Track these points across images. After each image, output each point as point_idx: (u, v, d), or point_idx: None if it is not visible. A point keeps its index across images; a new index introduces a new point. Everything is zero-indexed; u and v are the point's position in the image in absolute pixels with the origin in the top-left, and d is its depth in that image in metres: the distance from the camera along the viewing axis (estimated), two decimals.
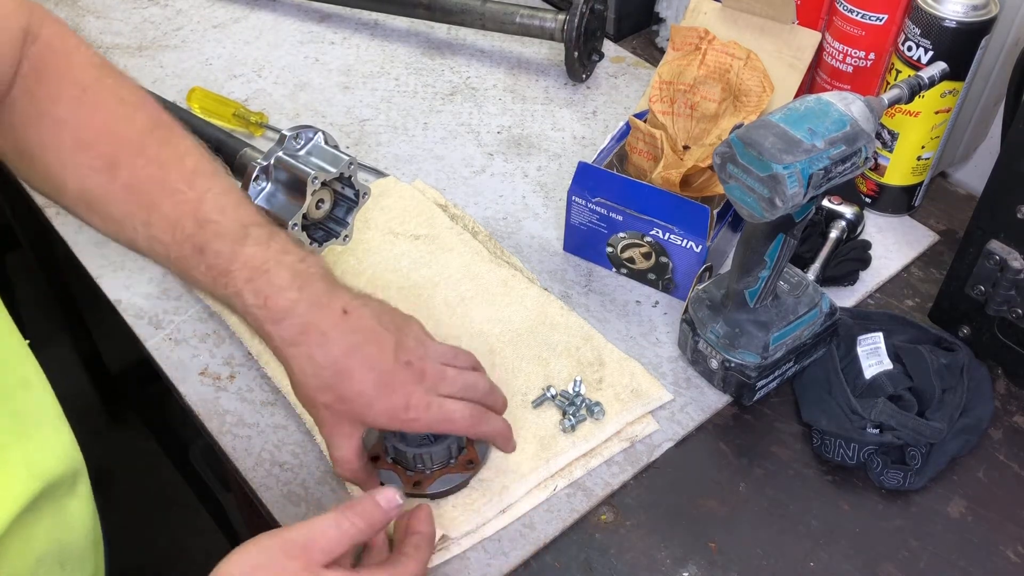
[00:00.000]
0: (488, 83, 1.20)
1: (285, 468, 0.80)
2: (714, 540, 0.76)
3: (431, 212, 1.00)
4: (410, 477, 0.76)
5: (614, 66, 1.24)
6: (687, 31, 0.99)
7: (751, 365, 0.81)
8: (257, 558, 0.58)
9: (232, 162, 0.90)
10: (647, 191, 0.88)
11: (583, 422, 0.81)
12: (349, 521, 0.60)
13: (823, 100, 0.73)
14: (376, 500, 0.63)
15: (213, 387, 0.86)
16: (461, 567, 0.74)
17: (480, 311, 0.90)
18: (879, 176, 1.01)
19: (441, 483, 0.76)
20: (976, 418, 0.81)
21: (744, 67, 0.96)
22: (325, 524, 0.60)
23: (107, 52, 1.23)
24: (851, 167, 0.72)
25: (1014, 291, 0.81)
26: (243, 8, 1.32)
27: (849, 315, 0.89)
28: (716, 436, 0.84)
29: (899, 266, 0.98)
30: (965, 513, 0.78)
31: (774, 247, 0.77)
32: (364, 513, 0.61)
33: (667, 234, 0.89)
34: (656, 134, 0.92)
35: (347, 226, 0.89)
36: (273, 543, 0.58)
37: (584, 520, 0.77)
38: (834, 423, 0.80)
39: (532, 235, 1.00)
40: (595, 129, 1.14)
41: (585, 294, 0.95)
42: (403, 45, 1.27)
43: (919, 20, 0.89)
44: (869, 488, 0.80)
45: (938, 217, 1.04)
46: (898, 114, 0.95)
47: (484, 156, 1.10)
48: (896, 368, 0.84)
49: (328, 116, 1.14)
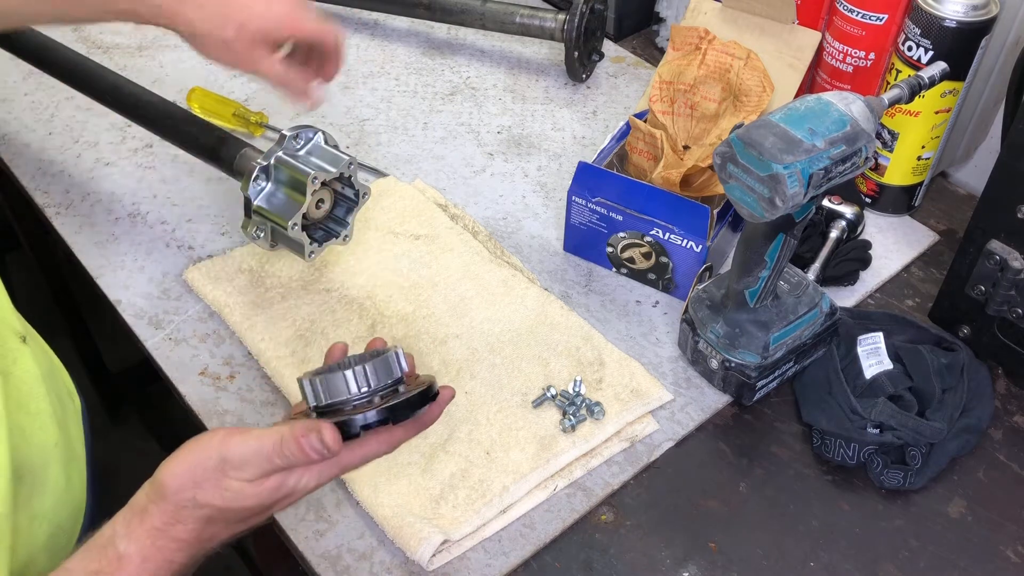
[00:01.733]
0: (488, 83, 1.20)
1: None
2: (714, 540, 0.76)
3: (431, 212, 1.00)
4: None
5: (614, 66, 1.24)
6: (687, 31, 0.99)
7: (751, 365, 0.81)
8: (180, 467, 0.58)
9: (232, 162, 0.90)
10: (647, 191, 0.88)
11: (583, 422, 0.81)
12: (271, 446, 0.58)
13: (823, 100, 0.73)
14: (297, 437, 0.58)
15: (213, 387, 0.86)
16: (461, 567, 0.74)
17: (480, 311, 0.90)
18: (879, 176, 1.01)
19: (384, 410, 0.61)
20: (976, 418, 0.81)
21: (744, 67, 0.96)
22: (241, 449, 0.58)
23: (107, 52, 1.23)
24: (851, 167, 0.72)
25: (1014, 291, 0.81)
26: None
27: (849, 315, 0.89)
28: (716, 436, 0.84)
29: (899, 266, 0.98)
30: (965, 513, 0.78)
31: (774, 247, 0.77)
32: (285, 442, 0.58)
33: (667, 234, 0.89)
34: (656, 134, 0.92)
35: (347, 226, 0.89)
36: (192, 459, 0.58)
37: (584, 520, 0.77)
38: (834, 423, 0.80)
39: (532, 235, 1.00)
40: (595, 129, 1.14)
41: (585, 294, 0.95)
42: (403, 45, 1.26)
43: (919, 20, 0.89)
44: (869, 488, 0.80)
45: (938, 217, 1.04)
46: (898, 114, 0.95)
47: (484, 156, 1.10)
48: (896, 368, 0.84)
49: (328, 116, 1.14)
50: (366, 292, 0.92)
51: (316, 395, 0.61)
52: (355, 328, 0.88)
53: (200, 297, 0.92)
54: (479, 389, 0.84)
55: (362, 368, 0.61)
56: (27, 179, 1.05)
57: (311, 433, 0.57)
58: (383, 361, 0.61)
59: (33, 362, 0.71)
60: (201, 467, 0.57)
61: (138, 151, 1.09)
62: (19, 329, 0.72)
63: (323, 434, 0.57)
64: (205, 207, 1.02)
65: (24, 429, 0.67)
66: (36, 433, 0.69)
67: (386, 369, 0.62)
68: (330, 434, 0.57)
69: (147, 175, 1.06)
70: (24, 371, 0.69)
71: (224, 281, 0.92)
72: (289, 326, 0.88)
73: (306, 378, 0.61)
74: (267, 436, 0.58)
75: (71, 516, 0.74)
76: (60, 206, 1.02)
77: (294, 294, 0.91)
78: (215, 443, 0.58)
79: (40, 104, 1.15)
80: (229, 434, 0.58)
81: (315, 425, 0.58)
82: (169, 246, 0.98)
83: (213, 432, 0.59)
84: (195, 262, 0.96)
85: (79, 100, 1.10)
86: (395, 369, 0.62)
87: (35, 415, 0.69)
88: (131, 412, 1.95)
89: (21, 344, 0.71)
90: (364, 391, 0.61)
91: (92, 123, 1.12)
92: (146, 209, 1.02)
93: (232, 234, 0.99)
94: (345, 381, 0.60)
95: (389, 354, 0.62)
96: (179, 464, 0.58)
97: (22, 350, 0.70)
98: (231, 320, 0.89)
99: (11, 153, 1.08)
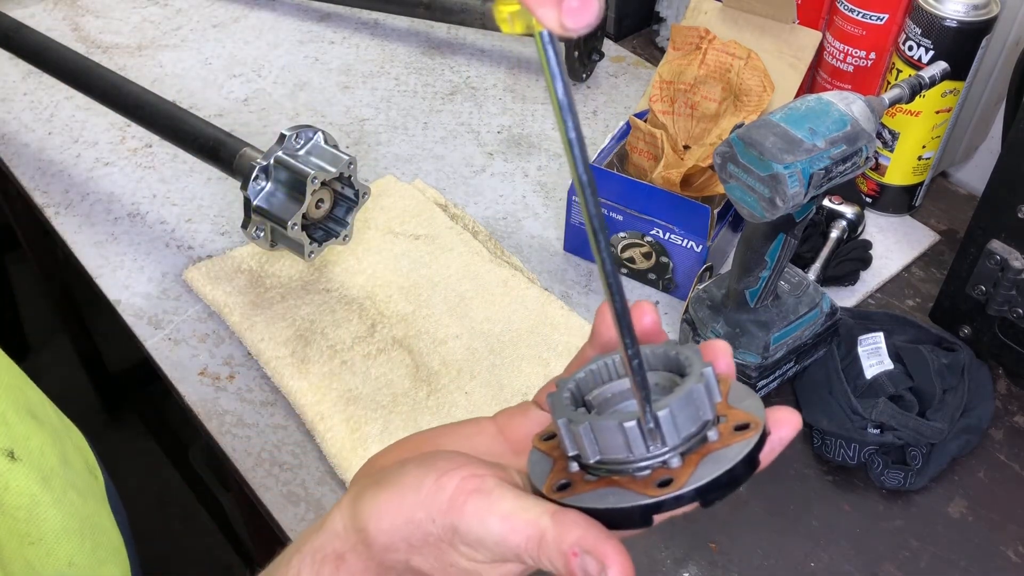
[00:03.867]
0: (488, 83, 1.20)
1: (285, 468, 0.80)
2: (714, 540, 0.76)
3: (431, 212, 1.00)
4: (640, 480, 0.39)
5: (614, 66, 1.23)
6: (687, 31, 0.99)
7: (752, 365, 0.81)
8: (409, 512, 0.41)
9: (232, 162, 0.90)
10: (647, 191, 0.88)
11: None
12: (533, 559, 0.39)
13: (824, 100, 0.73)
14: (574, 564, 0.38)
15: (212, 387, 0.86)
16: None
17: (480, 311, 0.90)
18: (880, 176, 1.01)
19: (703, 470, 0.39)
20: (977, 418, 0.81)
21: (744, 67, 0.96)
22: (502, 545, 0.39)
23: (107, 52, 1.23)
24: (852, 167, 0.72)
25: (1015, 291, 0.81)
26: (243, 8, 1.31)
27: (850, 315, 0.89)
28: None
29: (900, 266, 0.98)
30: (966, 513, 0.78)
31: (775, 247, 0.77)
32: (550, 565, 0.40)
33: (667, 234, 0.89)
34: (656, 134, 0.92)
35: (347, 226, 0.88)
36: (439, 521, 0.41)
37: None
38: (835, 423, 0.80)
39: (532, 235, 1.00)
40: (595, 129, 1.14)
41: (585, 294, 0.94)
42: (403, 45, 1.26)
43: (920, 20, 0.89)
44: (869, 488, 0.80)
45: (939, 217, 1.04)
46: (899, 114, 0.95)
47: (484, 156, 1.10)
48: (897, 368, 0.83)
49: (328, 116, 1.14)
50: (366, 292, 0.92)
51: (581, 445, 0.39)
52: (355, 328, 0.88)
53: (200, 297, 0.92)
54: (479, 389, 0.84)
55: (668, 415, 0.37)
56: (27, 179, 1.05)
57: (587, 556, 0.37)
58: (688, 399, 0.38)
59: (30, 473, 0.61)
60: (421, 531, 0.41)
61: (138, 151, 1.09)
62: (6, 445, 0.61)
63: (608, 566, 0.37)
64: (205, 207, 1.02)
65: (31, 563, 0.59)
66: (45, 562, 0.61)
67: (692, 412, 0.38)
68: (619, 568, 0.37)
69: (147, 175, 1.06)
70: (19, 493, 0.60)
71: (224, 281, 0.92)
72: (289, 326, 0.88)
73: (574, 421, 0.38)
74: (517, 516, 0.39)
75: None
76: (60, 206, 1.02)
77: (294, 294, 0.91)
78: (441, 496, 0.40)
79: (40, 104, 1.15)
80: (454, 478, 0.40)
81: (594, 542, 0.37)
82: (169, 246, 0.98)
83: (428, 465, 0.41)
84: (195, 262, 0.96)
85: (79, 100, 1.10)
86: (705, 408, 0.38)
87: (39, 542, 0.60)
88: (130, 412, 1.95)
89: (10, 463, 0.61)
90: (659, 452, 0.38)
91: (92, 123, 1.12)
92: (146, 209, 1.02)
93: (232, 234, 0.99)
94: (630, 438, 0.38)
95: (696, 387, 0.38)
96: (391, 516, 0.41)
97: (12, 471, 0.61)
98: (231, 320, 0.89)
99: (11, 153, 1.08)
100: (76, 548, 0.63)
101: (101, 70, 1.02)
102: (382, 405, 0.82)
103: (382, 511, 0.41)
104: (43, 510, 0.61)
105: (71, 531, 0.62)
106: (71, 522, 0.63)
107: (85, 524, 0.65)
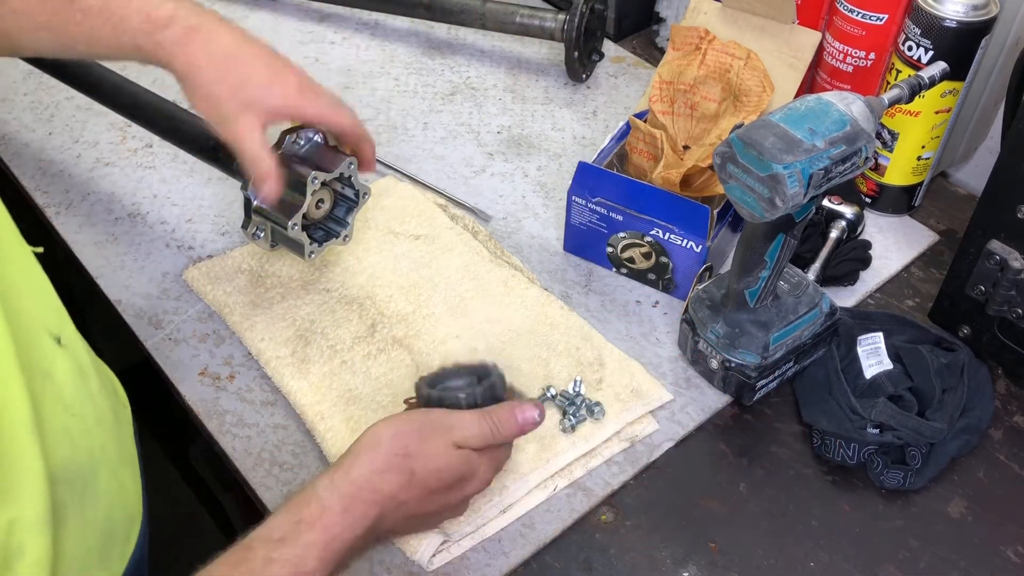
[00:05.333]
0: (488, 83, 1.20)
1: (285, 468, 0.80)
2: (714, 540, 0.76)
3: (431, 212, 1.00)
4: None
5: (614, 66, 1.24)
6: (687, 31, 0.99)
7: (751, 365, 0.81)
8: (406, 425, 0.65)
9: (232, 162, 0.90)
10: (647, 191, 0.88)
11: (583, 422, 0.81)
12: (488, 423, 0.66)
13: (823, 100, 0.73)
14: (515, 412, 0.67)
15: (213, 387, 0.86)
16: (461, 567, 0.73)
17: (480, 311, 0.90)
18: (879, 176, 1.01)
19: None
20: (976, 418, 0.81)
21: (744, 67, 0.96)
22: (467, 418, 0.66)
23: None
24: (851, 167, 0.72)
25: (1014, 291, 0.81)
26: (243, 8, 1.31)
27: (849, 315, 0.89)
28: (716, 436, 0.84)
29: (899, 266, 0.98)
30: (965, 513, 0.78)
31: (774, 247, 0.77)
32: (501, 421, 0.66)
33: (667, 234, 0.89)
34: (656, 134, 0.92)
35: (347, 226, 0.89)
36: (421, 418, 0.66)
37: (584, 520, 0.77)
38: (834, 423, 0.80)
39: (532, 235, 1.00)
40: (595, 129, 1.14)
41: (585, 294, 0.95)
42: (403, 45, 1.26)
43: (919, 20, 0.89)
44: (869, 488, 0.80)
45: (938, 217, 1.04)
46: (898, 114, 0.95)
47: (484, 156, 1.10)
48: (896, 368, 0.84)
49: None
50: (366, 292, 0.92)
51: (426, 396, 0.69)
52: (355, 328, 0.88)
53: (200, 297, 0.92)
54: None
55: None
56: (27, 179, 1.05)
57: (527, 407, 0.67)
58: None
59: (73, 364, 0.67)
60: (430, 424, 0.65)
61: (138, 151, 1.09)
62: (55, 331, 0.68)
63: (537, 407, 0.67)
64: (205, 207, 1.02)
65: (71, 431, 0.64)
66: (83, 437, 0.65)
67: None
68: (542, 407, 0.67)
69: (147, 175, 1.06)
70: (65, 372, 0.65)
71: (224, 281, 0.92)
72: (289, 326, 0.88)
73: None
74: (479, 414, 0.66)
75: (125, 521, 0.72)
76: (60, 206, 1.02)
77: (294, 294, 0.91)
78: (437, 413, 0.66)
79: (40, 104, 1.15)
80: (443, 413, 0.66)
81: (520, 405, 0.67)
82: (169, 246, 0.98)
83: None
84: (195, 262, 0.96)
85: (79, 100, 1.10)
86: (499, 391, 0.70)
87: (81, 418, 0.65)
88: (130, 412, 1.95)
89: (56, 346, 0.67)
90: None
91: (92, 123, 1.12)
92: (146, 209, 1.02)
93: (232, 234, 0.99)
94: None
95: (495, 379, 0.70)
96: (403, 423, 0.65)
97: (59, 353, 0.66)
98: (231, 320, 0.89)
99: (11, 153, 1.08)
100: (109, 439, 0.69)
101: (101, 70, 1.02)
102: (382, 405, 0.82)
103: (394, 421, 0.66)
104: (83, 397, 0.66)
105: (105, 423, 0.69)
106: (106, 415, 0.70)
107: (114, 426, 0.71)
